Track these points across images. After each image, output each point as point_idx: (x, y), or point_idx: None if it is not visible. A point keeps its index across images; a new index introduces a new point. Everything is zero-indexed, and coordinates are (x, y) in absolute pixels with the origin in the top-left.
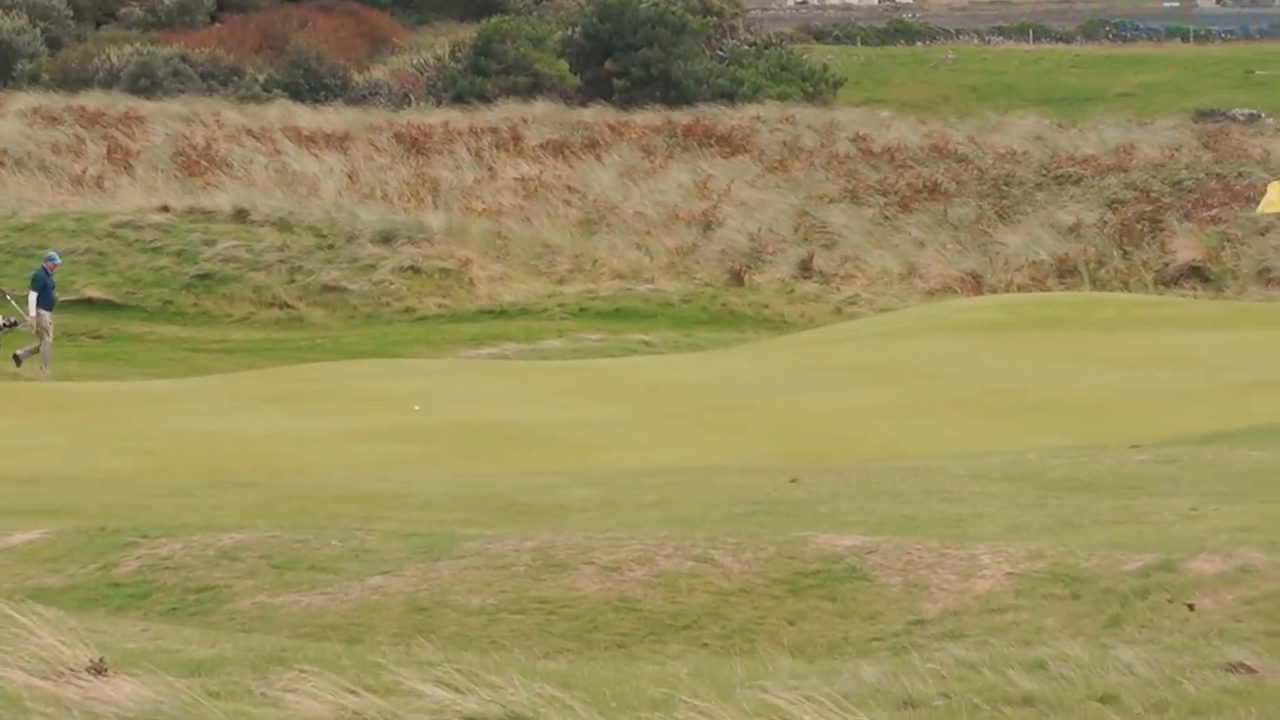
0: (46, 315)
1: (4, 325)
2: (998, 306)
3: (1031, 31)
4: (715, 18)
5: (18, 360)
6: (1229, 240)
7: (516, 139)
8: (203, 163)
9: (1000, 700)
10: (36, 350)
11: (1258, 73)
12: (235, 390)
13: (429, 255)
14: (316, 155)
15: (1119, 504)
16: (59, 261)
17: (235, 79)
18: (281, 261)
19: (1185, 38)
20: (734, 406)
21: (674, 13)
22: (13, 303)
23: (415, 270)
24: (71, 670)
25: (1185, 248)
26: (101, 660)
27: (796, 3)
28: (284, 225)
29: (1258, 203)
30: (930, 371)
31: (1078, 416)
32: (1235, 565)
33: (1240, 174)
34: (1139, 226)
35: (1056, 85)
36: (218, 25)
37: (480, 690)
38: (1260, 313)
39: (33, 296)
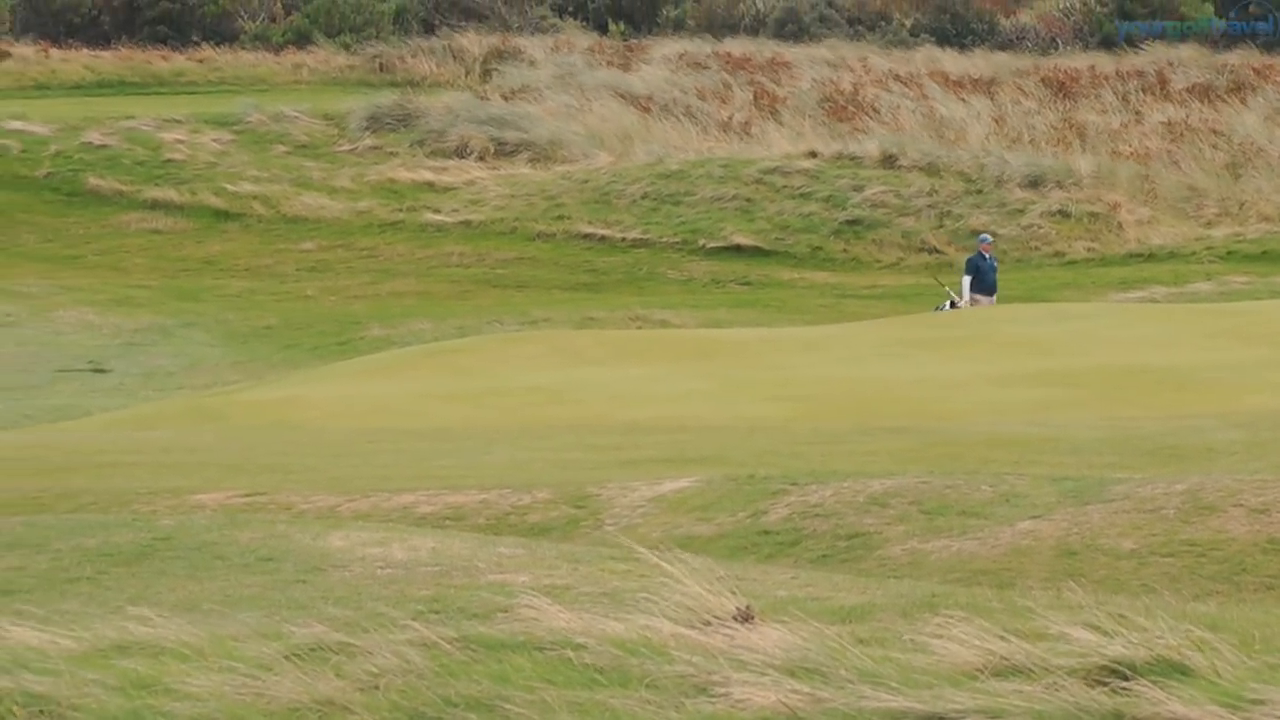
0: (986, 301)
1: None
2: None
3: None
4: None
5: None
6: None
7: (1163, 83)
8: (849, 108)
9: None
10: None
11: None
12: (884, 336)
13: (1077, 199)
14: (963, 100)
15: None
16: (991, 241)
17: (882, 24)
18: (930, 207)
19: None
20: None
21: None
22: (947, 289)
23: (1064, 214)
24: (718, 619)
25: None
26: (748, 608)
27: None
28: (932, 170)
29: None
30: None
31: None
32: None
33: None
34: None
35: None
36: None
37: (1128, 634)
38: None
39: (965, 281)
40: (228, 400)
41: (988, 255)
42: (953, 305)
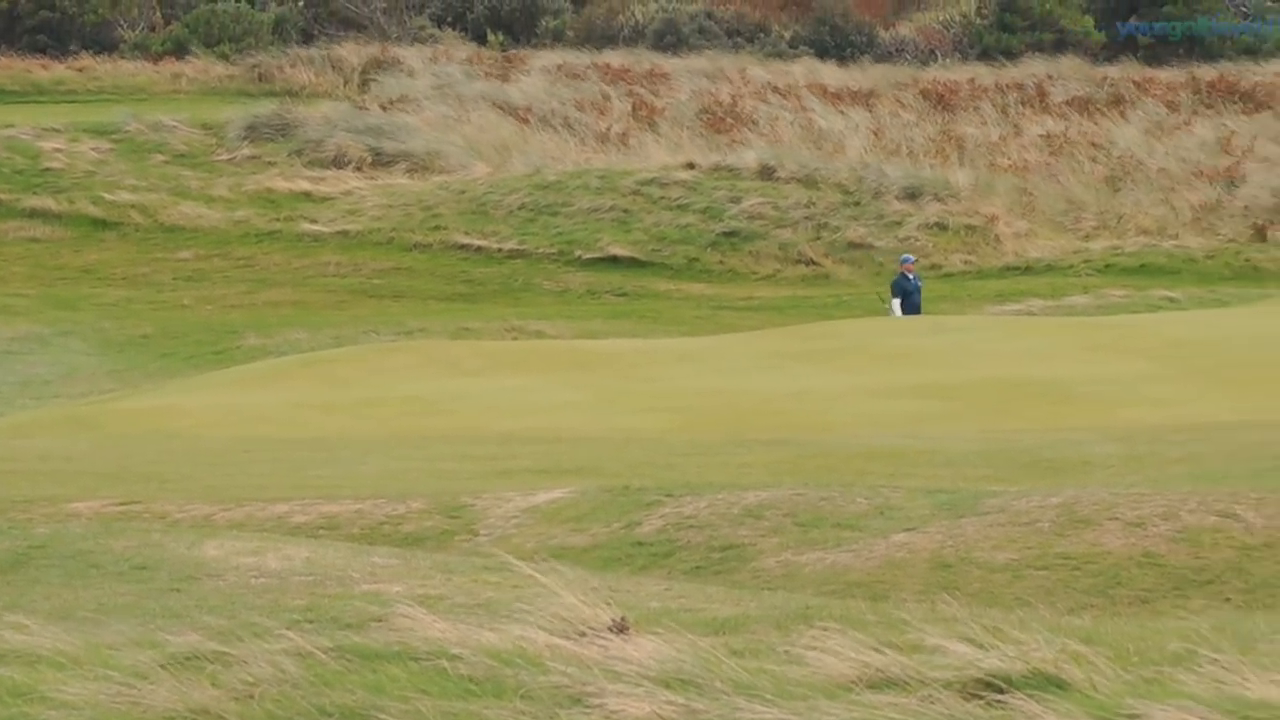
0: None
1: None
2: None
3: None
4: None
5: None
6: None
7: (1042, 95)
8: (728, 120)
9: None
10: None
11: None
12: (760, 348)
13: (955, 212)
14: (842, 112)
15: None
16: (914, 260)
17: (761, 36)
18: (807, 218)
19: None
20: (1258, 363)
21: None
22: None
23: (941, 227)
24: (593, 630)
25: None
26: (623, 619)
27: None
28: (809, 182)
29: None
30: None
31: None
32: None
33: None
34: None
35: None
36: None
37: (1003, 647)
38: None
39: (895, 303)
40: (104, 409)
41: (911, 275)
42: None
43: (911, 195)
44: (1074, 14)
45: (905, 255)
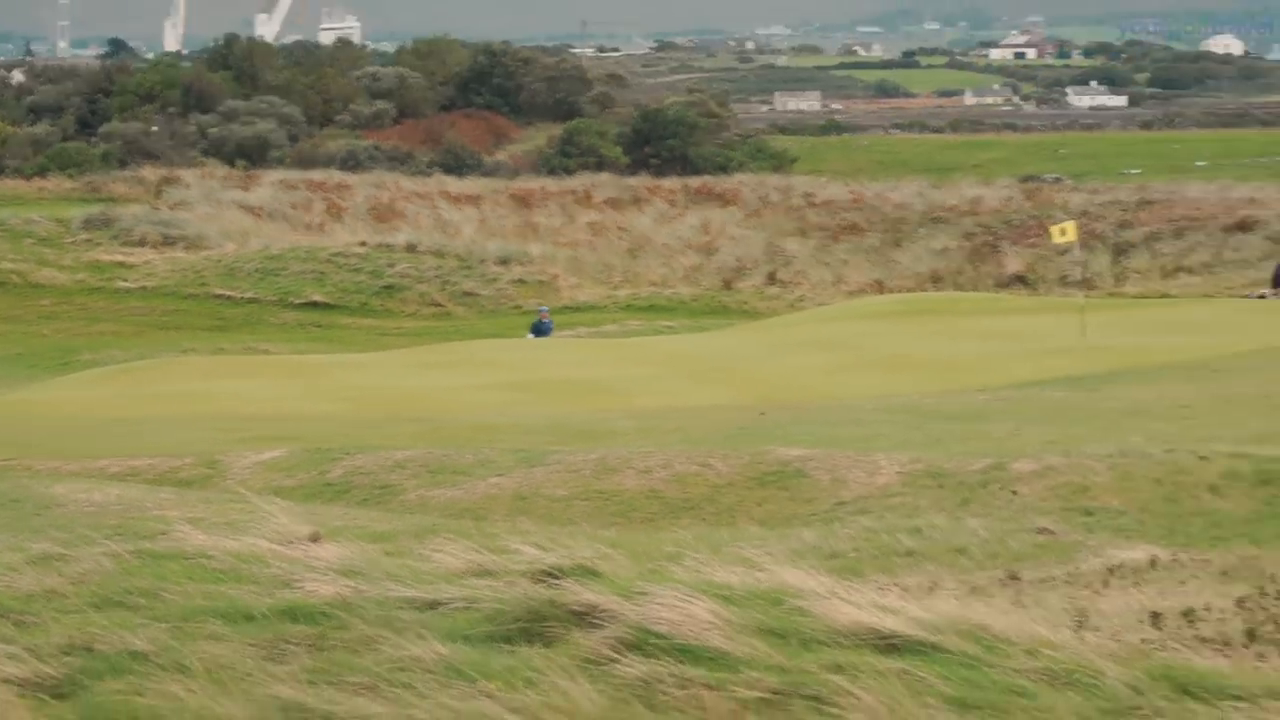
0: None
1: None
2: (894, 301)
3: (918, 126)
4: (715, 118)
5: None
6: (1040, 258)
7: (588, 197)
8: (388, 214)
9: (891, 552)
10: None
11: (1060, 151)
12: (406, 360)
13: (532, 271)
14: (460, 209)
15: (970, 427)
16: (548, 310)
17: (410, 160)
18: (437, 276)
19: (1015, 129)
20: (725, 368)
21: (689, 116)
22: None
23: (522, 282)
24: (296, 539)
25: (1013, 263)
26: (317, 533)
27: (767, 109)
28: (439, 253)
29: (1054, 235)
30: (851, 344)
31: (945, 372)
32: (1043, 465)
33: (1049, 215)
34: (984, 249)
35: (933, 160)
36: (398, 125)
37: (559, 549)
38: (1057, 303)
39: (530, 335)
40: None
41: (545, 320)
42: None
43: (504, 261)
44: (609, 144)
45: (542, 306)
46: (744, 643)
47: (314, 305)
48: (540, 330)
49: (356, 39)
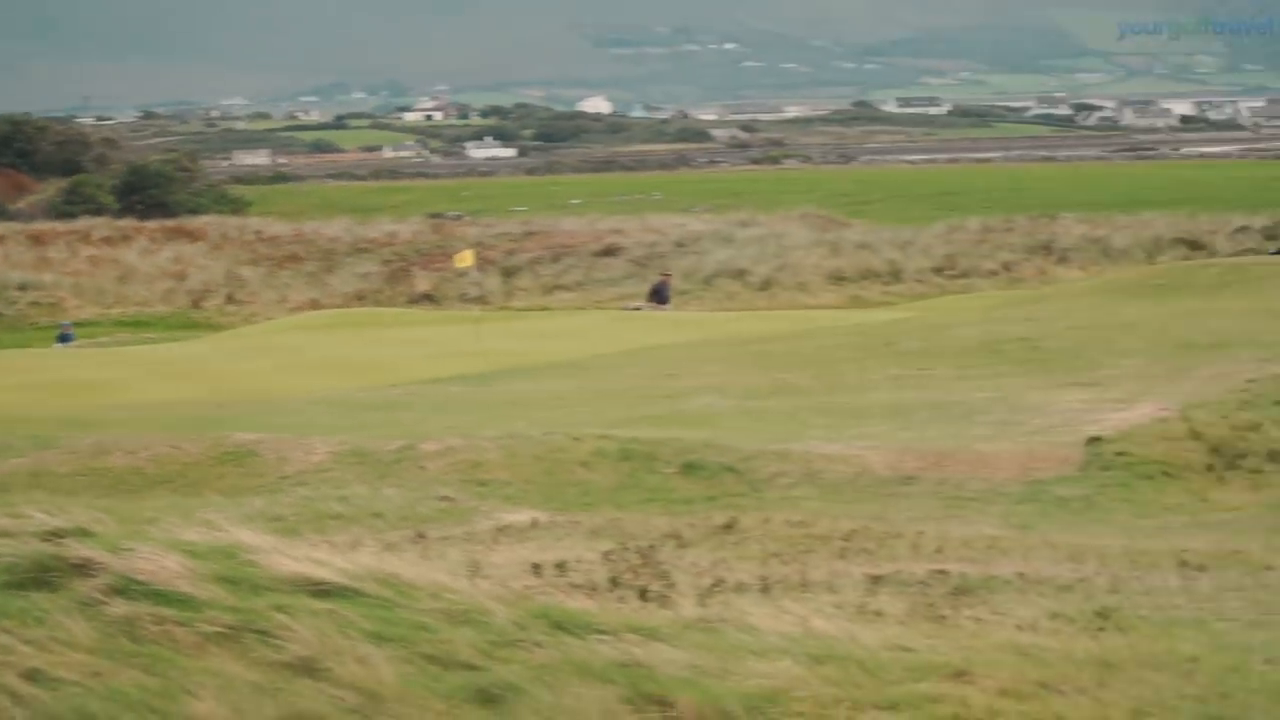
0: None
1: None
2: (328, 316)
3: (347, 175)
4: (188, 172)
5: None
6: (445, 279)
7: (88, 236)
8: None
9: (323, 516)
10: None
11: (462, 193)
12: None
13: (44, 295)
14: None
15: (388, 415)
16: (71, 324)
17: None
18: None
19: (425, 176)
20: (193, 370)
21: (167, 171)
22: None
23: (38, 303)
24: None
25: (422, 284)
26: None
27: (228, 164)
28: None
29: (456, 261)
30: (293, 350)
31: (368, 371)
32: (445, 446)
33: (452, 245)
34: (399, 273)
35: (358, 203)
36: None
37: (63, 515)
38: (458, 316)
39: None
40: None
41: (69, 333)
42: None
43: (23, 288)
44: (105, 194)
45: (65, 321)
46: (206, 588)
47: None
48: (65, 339)
49: None
